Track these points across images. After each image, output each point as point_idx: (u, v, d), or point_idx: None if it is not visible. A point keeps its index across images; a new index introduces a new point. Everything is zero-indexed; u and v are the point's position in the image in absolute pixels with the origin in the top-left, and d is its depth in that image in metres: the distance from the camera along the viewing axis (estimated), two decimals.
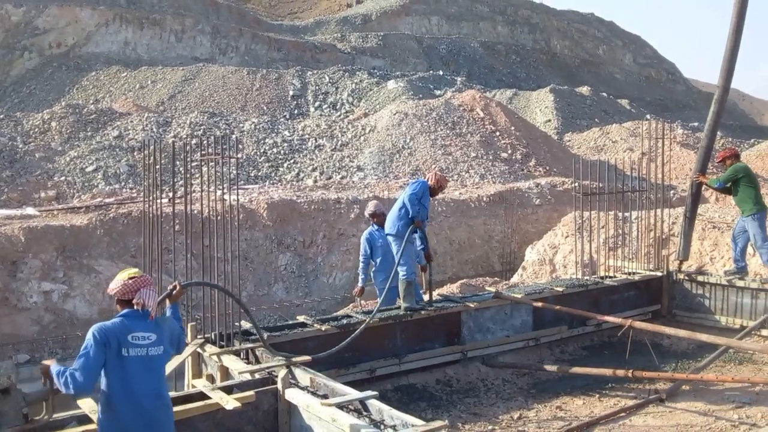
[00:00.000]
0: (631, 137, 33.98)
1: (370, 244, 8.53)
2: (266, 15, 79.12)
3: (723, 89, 9.52)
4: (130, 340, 3.82)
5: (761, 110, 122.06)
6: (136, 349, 3.84)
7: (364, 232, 8.76)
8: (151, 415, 3.88)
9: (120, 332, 3.83)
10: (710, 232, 12.51)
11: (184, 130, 28.22)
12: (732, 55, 9.32)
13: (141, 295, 3.89)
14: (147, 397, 3.86)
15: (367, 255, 8.56)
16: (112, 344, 3.79)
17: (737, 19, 9.22)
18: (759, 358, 8.24)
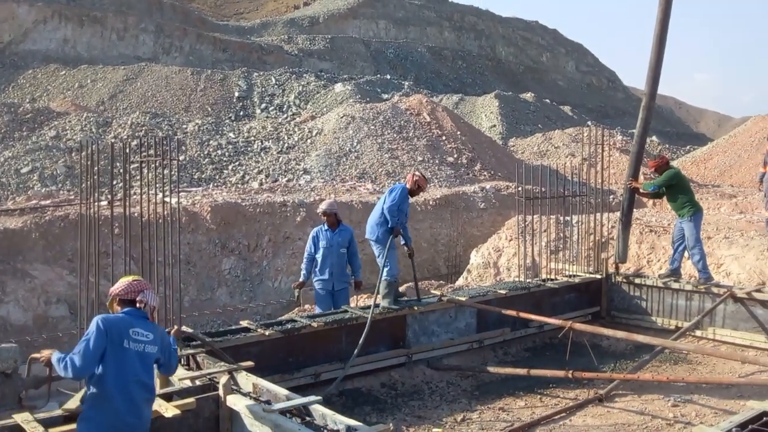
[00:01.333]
0: (573, 143, 34.78)
1: (314, 243, 8.47)
2: (212, 15, 78.03)
3: (650, 96, 9.83)
4: (131, 334, 4.04)
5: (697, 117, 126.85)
6: (136, 344, 4.05)
7: (315, 229, 8.69)
8: (139, 408, 4.06)
9: (123, 325, 4.05)
10: (647, 235, 12.89)
11: (124, 131, 27.55)
12: (657, 63, 9.61)
13: (144, 296, 4.17)
14: (140, 391, 4.05)
15: (311, 253, 8.47)
16: (114, 335, 3.98)
17: (661, 28, 9.53)
18: (693, 358, 8.53)
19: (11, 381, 4.33)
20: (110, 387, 3.95)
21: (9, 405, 4.28)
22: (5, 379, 4.28)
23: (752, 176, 27.14)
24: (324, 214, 8.55)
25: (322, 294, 8.40)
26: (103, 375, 3.97)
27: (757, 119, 38.79)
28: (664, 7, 9.44)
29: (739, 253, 11.35)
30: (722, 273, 11.15)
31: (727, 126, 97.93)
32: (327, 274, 8.34)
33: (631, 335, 7.59)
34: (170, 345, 4.42)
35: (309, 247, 8.50)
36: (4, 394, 4.27)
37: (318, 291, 8.44)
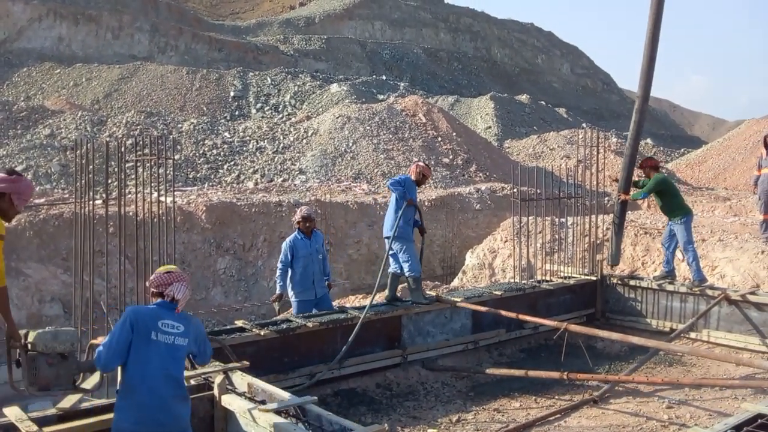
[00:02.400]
0: (568, 145, 34.85)
1: (293, 251, 8.00)
2: (207, 14, 77.96)
3: (643, 99, 9.79)
4: (160, 326, 4.06)
5: (691, 120, 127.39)
6: (164, 336, 4.06)
7: (290, 237, 8.17)
8: (167, 404, 4.02)
9: (152, 317, 4.08)
10: (642, 237, 12.92)
11: (119, 130, 27.49)
12: (649, 65, 9.59)
13: (172, 289, 4.19)
14: (167, 385, 4.03)
15: (287, 263, 8.02)
16: (141, 327, 4.02)
17: (653, 29, 9.52)
18: (688, 360, 8.54)
19: (68, 363, 4.42)
20: (136, 380, 3.97)
21: (64, 386, 4.44)
22: (62, 360, 4.37)
23: (746, 179, 27.27)
24: (307, 220, 8.12)
25: (306, 303, 8.03)
26: (129, 367, 4.00)
27: (752, 122, 38.95)
28: (655, 10, 9.44)
29: (733, 256, 11.38)
30: (717, 275, 11.18)
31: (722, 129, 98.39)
32: (310, 283, 8.01)
33: (626, 337, 7.59)
34: (204, 335, 4.40)
35: (285, 257, 8.01)
36: (59, 374, 4.37)
37: (300, 302, 8.03)
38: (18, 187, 4.40)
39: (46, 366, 4.32)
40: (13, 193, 4.37)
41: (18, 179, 4.44)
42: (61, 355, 4.37)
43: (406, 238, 8.13)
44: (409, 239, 8.16)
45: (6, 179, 4.39)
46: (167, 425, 4.03)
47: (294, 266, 7.99)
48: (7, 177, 4.41)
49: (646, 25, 9.55)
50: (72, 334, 4.52)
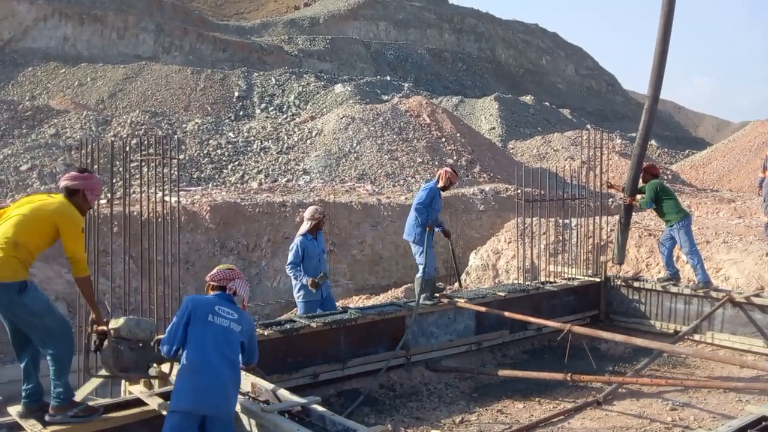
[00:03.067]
0: (572, 146, 34.81)
1: (305, 252, 7.92)
2: (212, 14, 78.09)
3: (653, 99, 9.75)
4: (217, 310, 4.30)
5: (696, 122, 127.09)
6: (221, 319, 4.28)
7: (299, 239, 8.03)
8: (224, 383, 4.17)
9: (209, 304, 4.34)
10: (646, 239, 12.90)
11: (124, 130, 27.56)
12: (660, 65, 9.55)
13: (235, 284, 4.48)
14: (224, 364, 4.19)
15: (297, 263, 7.91)
16: (199, 312, 4.27)
17: (664, 30, 9.49)
18: (692, 362, 8.53)
19: (146, 351, 4.71)
20: (197, 362, 4.16)
21: (141, 371, 4.74)
22: (142, 347, 4.67)
23: (751, 181, 27.19)
24: (320, 218, 8.12)
25: (312, 303, 8.00)
26: (189, 350, 4.20)
27: (757, 124, 38.86)
28: (666, 10, 9.41)
29: (737, 258, 11.35)
30: (721, 277, 11.16)
31: (726, 131, 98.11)
32: None
33: (630, 339, 7.57)
34: (254, 332, 4.61)
35: (297, 258, 7.92)
36: (138, 360, 4.67)
37: (306, 303, 7.98)
38: (90, 184, 4.73)
39: (129, 350, 4.64)
40: (86, 190, 4.70)
41: (90, 176, 4.78)
42: (142, 342, 4.69)
43: (430, 245, 8.36)
44: (431, 245, 8.37)
45: (79, 177, 4.71)
46: (222, 407, 4.19)
47: (303, 267, 7.93)
48: (80, 175, 4.74)
49: (658, 25, 9.51)
50: (152, 324, 4.85)
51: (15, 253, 4.36)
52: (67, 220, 4.51)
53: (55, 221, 4.48)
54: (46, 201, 4.62)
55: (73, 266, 4.56)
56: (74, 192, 4.67)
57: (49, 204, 4.57)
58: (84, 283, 4.64)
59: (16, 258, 4.36)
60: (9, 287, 4.31)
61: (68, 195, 4.66)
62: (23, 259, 4.41)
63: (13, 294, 4.32)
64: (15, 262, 4.35)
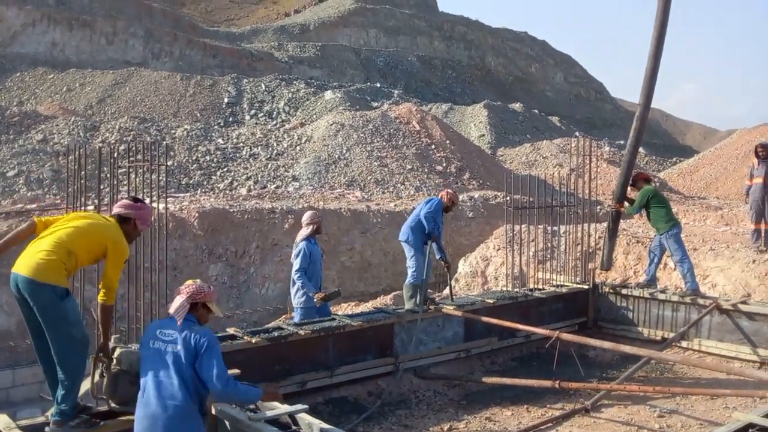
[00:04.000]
0: (561, 153, 34.97)
1: (312, 256, 7.90)
2: (202, 21, 78.00)
3: (644, 106, 9.81)
4: (158, 335, 4.15)
5: (683, 130, 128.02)
6: (159, 343, 4.12)
7: (304, 243, 7.95)
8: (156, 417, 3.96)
9: (154, 328, 4.25)
10: (634, 246, 12.95)
11: (112, 136, 27.43)
12: (652, 73, 9.62)
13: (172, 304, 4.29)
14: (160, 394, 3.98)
15: (306, 268, 7.84)
16: (145, 339, 4.22)
17: (657, 38, 9.56)
18: (679, 369, 8.57)
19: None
20: (142, 390, 4.08)
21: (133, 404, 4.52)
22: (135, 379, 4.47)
23: (738, 189, 27.39)
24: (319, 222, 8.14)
25: (311, 309, 7.99)
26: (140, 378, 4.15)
27: (743, 132, 39.20)
28: (661, 18, 9.47)
29: (724, 265, 11.42)
30: (708, 284, 11.21)
31: (713, 139, 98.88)
32: (318, 289, 8.02)
33: (618, 346, 7.60)
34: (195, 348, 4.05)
35: (306, 261, 7.83)
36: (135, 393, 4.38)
37: (305, 309, 7.96)
38: (142, 214, 4.90)
39: (128, 384, 4.57)
40: (138, 219, 4.86)
41: (142, 206, 4.95)
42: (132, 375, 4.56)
43: (416, 248, 8.44)
44: (419, 249, 8.44)
45: (132, 206, 4.86)
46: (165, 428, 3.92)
47: (308, 272, 7.91)
48: (133, 204, 4.90)
49: (652, 34, 9.57)
50: None
51: (66, 259, 4.47)
52: (118, 247, 4.65)
53: (106, 244, 4.60)
54: (102, 221, 4.79)
55: (105, 292, 4.63)
56: (126, 220, 4.82)
57: (106, 225, 4.72)
58: (107, 312, 4.68)
59: (64, 265, 4.46)
60: (56, 290, 4.39)
61: (120, 222, 4.80)
62: (69, 268, 4.53)
63: (56, 297, 4.39)
64: (63, 269, 4.45)
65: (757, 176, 11.97)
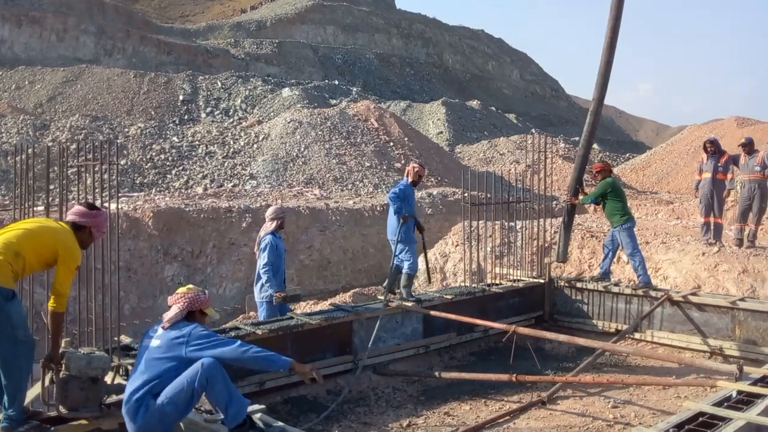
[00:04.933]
0: (518, 150, 35.39)
1: (278, 251, 7.85)
2: (156, 17, 76.62)
3: (598, 101, 9.97)
4: (149, 333, 4.51)
5: (636, 126, 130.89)
6: (147, 340, 4.48)
7: (270, 236, 7.86)
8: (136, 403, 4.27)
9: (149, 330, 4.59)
10: (589, 240, 13.18)
11: (63, 134, 26.76)
12: (606, 68, 9.77)
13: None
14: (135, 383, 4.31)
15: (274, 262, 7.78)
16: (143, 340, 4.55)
17: (611, 34, 9.72)
18: (632, 360, 8.75)
19: (97, 387, 4.70)
20: None
21: (91, 408, 4.67)
22: (92, 384, 4.64)
23: (688, 183, 28.12)
24: (283, 217, 8.07)
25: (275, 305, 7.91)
26: None
27: (693, 128, 40.27)
28: (615, 13, 9.62)
29: (675, 258, 11.71)
30: (660, 277, 11.49)
31: (665, 134, 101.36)
32: (282, 283, 8.02)
33: (573, 338, 7.73)
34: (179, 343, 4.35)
35: (274, 257, 7.76)
36: (88, 397, 4.63)
37: (270, 304, 7.85)
38: (97, 222, 4.85)
39: (78, 389, 4.61)
40: (93, 227, 4.80)
41: (97, 213, 4.88)
42: (92, 379, 4.66)
43: (408, 240, 8.61)
44: (411, 241, 8.63)
45: (88, 213, 4.80)
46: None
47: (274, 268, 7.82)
48: (89, 212, 4.82)
49: (606, 29, 9.72)
50: (105, 360, 4.78)
51: (13, 261, 4.37)
52: (69, 253, 4.57)
53: (58, 249, 4.53)
54: (55, 226, 4.69)
55: (55, 299, 4.56)
56: (81, 227, 4.75)
57: (58, 230, 4.63)
58: (58, 319, 4.59)
59: (11, 266, 4.35)
60: (1, 292, 4.28)
61: (74, 229, 4.72)
62: (16, 270, 4.42)
63: (1, 299, 4.28)
64: (10, 270, 4.35)
65: (706, 171, 12.31)
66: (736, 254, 11.24)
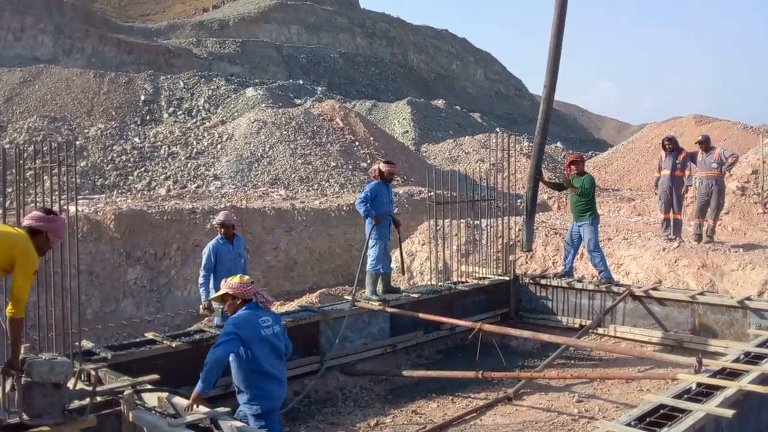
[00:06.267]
0: (482, 149, 35.63)
1: (216, 256, 7.89)
2: (115, 16, 75.31)
3: (549, 88, 10.03)
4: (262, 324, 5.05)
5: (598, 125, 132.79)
6: (267, 330, 5.10)
7: (211, 242, 8.06)
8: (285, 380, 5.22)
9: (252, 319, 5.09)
10: (552, 237, 13.35)
11: (21, 136, 26.15)
12: (555, 54, 9.83)
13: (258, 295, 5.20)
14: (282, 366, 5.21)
15: (210, 269, 7.88)
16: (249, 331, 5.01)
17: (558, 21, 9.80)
18: (596, 355, 8.89)
19: (60, 392, 4.63)
20: (265, 369, 4.94)
21: (54, 415, 4.61)
22: (54, 390, 4.57)
23: (649, 180, 28.64)
24: (222, 226, 8.03)
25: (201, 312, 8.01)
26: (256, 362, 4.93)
27: (653, 126, 41.02)
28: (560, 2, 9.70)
29: (637, 254, 11.92)
30: (622, 272, 11.68)
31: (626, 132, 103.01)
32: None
33: (537, 334, 7.82)
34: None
35: (209, 263, 7.88)
36: (51, 404, 4.58)
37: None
38: (55, 227, 4.72)
39: (41, 396, 4.54)
40: (50, 232, 4.68)
41: (55, 218, 4.76)
42: (55, 385, 4.58)
43: (378, 237, 8.73)
44: (381, 238, 8.74)
45: (44, 218, 4.69)
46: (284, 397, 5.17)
47: (217, 272, 7.80)
48: (45, 216, 4.72)
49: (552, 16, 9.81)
50: (68, 366, 4.68)
51: None
52: (26, 257, 4.48)
53: (14, 254, 4.44)
54: (10, 231, 4.61)
55: (13, 304, 4.47)
56: (38, 232, 4.64)
57: (13, 235, 4.55)
58: (16, 325, 4.51)
59: None
60: None
61: (31, 234, 4.62)
62: None
63: None
64: None
65: (665, 168, 12.55)
66: (696, 249, 11.49)
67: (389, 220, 8.83)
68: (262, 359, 4.90)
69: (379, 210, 8.65)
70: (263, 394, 4.93)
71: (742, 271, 10.74)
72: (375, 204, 8.64)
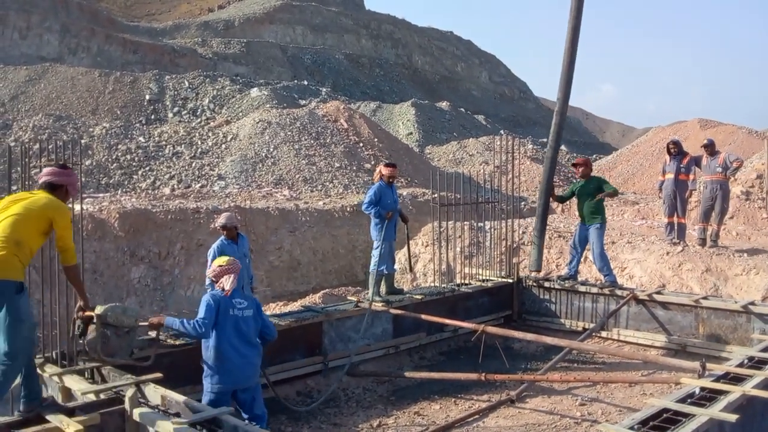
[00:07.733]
0: (486, 151, 35.63)
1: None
2: (121, 15, 75.51)
3: (563, 100, 10.08)
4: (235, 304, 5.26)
5: (603, 128, 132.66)
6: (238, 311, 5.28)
7: (213, 244, 8.09)
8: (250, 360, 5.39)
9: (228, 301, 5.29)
10: (556, 240, 13.33)
11: (26, 134, 26.22)
12: (569, 67, 9.87)
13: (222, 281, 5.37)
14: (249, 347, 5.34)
15: None
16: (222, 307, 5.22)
17: (572, 34, 9.84)
18: (599, 358, 8.87)
19: (131, 337, 5.19)
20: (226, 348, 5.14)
21: (123, 356, 5.21)
22: (127, 334, 5.11)
23: (653, 184, 28.60)
24: (225, 228, 8.04)
25: None
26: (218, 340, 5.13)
27: (657, 130, 40.94)
28: (575, 13, 9.73)
29: (641, 257, 11.90)
30: (625, 276, 11.66)
31: (631, 136, 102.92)
32: (239, 288, 7.97)
33: (540, 337, 7.81)
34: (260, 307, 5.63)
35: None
36: (122, 346, 5.12)
37: None
38: (72, 180, 4.95)
39: (115, 337, 5.09)
40: (69, 185, 4.88)
41: (70, 172, 4.99)
42: (127, 329, 5.15)
43: (383, 238, 8.71)
44: (386, 239, 8.72)
45: (63, 173, 4.87)
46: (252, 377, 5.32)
47: None
48: (63, 171, 4.90)
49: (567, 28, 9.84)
50: (137, 311, 5.31)
51: (17, 251, 4.38)
52: (61, 212, 4.67)
53: (49, 215, 4.59)
54: (33, 198, 4.68)
55: (63, 255, 4.77)
56: (57, 187, 4.79)
57: (38, 200, 4.65)
58: (74, 271, 4.88)
59: (17, 257, 4.37)
60: (11, 285, 4.30)
61: (50, 190, 4.76)
62: (23, 259, 4.45)
63: (11, 292, 4.30)
64: (17, 261, 4.36)
65: (669, 172, 12.51)
66: (700, 254, 11.47)
67: (395, 220, 8.85)
68: (222, 339, 5.11)
69: (387, 209, 8.71)
70: (219, 372, 5.13)
71: (746, 276, 10.72)
72: (380, 205, 8.70)
